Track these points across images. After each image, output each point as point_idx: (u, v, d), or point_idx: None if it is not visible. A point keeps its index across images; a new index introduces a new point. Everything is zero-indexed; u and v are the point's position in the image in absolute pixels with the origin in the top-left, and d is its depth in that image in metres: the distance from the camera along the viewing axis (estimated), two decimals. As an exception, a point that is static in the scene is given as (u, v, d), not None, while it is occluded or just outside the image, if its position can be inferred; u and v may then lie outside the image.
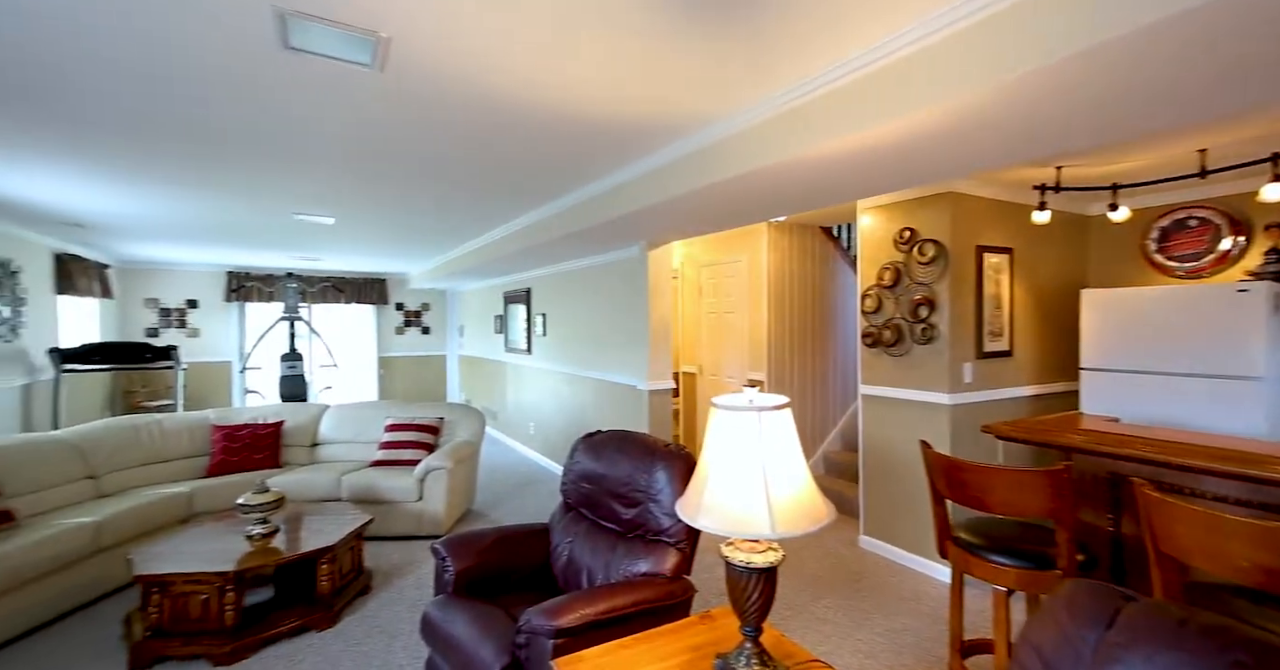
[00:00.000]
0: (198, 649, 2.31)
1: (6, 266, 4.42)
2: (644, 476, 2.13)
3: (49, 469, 3.10)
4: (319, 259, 6.81)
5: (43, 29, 1.56)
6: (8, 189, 3.35)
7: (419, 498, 3.69)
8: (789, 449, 1.22)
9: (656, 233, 3.68)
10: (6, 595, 2.42)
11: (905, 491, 3.31)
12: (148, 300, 7.14)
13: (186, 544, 2.61)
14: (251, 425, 3.98)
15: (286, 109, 2.11)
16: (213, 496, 3.51)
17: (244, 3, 1.43)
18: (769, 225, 4.74)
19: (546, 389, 5.82)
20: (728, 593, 1.28)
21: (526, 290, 6.25)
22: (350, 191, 3.41)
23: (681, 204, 2.76)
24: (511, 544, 2.29)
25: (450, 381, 9.32)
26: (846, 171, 2.21)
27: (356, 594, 2.88)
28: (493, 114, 2.15)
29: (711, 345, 5.25)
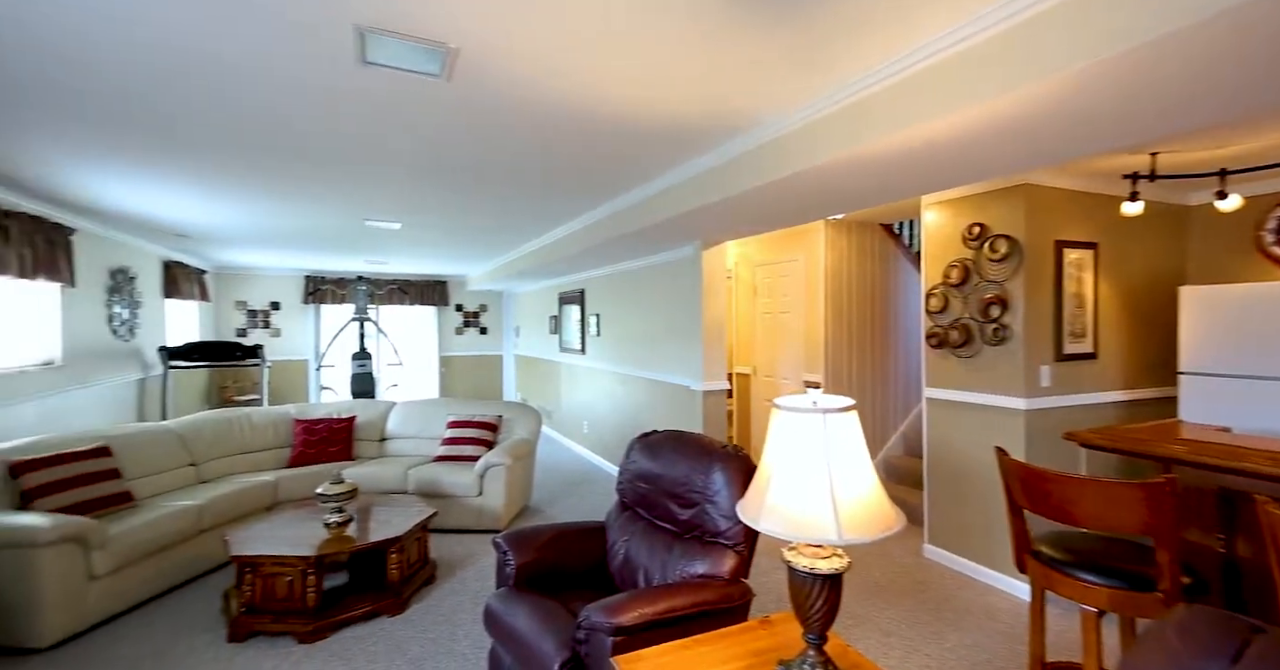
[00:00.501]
0: (284, 627, 2.49)
1: (126, 273, 4.91)
2: (701, 477, 2.12)
3: (160, 456, 3.42)
4: (386, 262, 7.18)
5: (156, 70, 1.73)
6: (128, 204, 3.72)
7: (479, 493, 3.82)
8: (856, 453, 1.18)
9: (711, 232, 3.65)
10: (129, 567, 2.69)
11: (974, 500, 3.14)
12: (237, 302, 7.75)
13: (273, 529, 2.81)
14: (327, 420, 4.24)
15: (361, 121, 2.24)
16: (294, 485, 3.77)
17: (330, 24, 1.53)
18: (826, 223, 4.61)
19: (600, 388, 5.90)
20: (790, 598, 1.25)
21: (580, 291, 6.35)
22: (416, 197, 3.57)
23: (737, 203, 2.73)
24: (569, 541, 2.33)
25: (506, 380, 9.59)
26: (910, 166, 2.12)
27: (423, 583, 3.01)
28: (552, 118, 2.20)
29: (766, 346, 5.16)
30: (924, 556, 3.41)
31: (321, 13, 1.48)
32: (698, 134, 2.39)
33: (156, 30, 1.57)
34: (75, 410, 4.12)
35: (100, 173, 3.00)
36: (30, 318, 3.74)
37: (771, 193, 2.53)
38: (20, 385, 3.51)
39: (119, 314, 4.78)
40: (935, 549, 3.36)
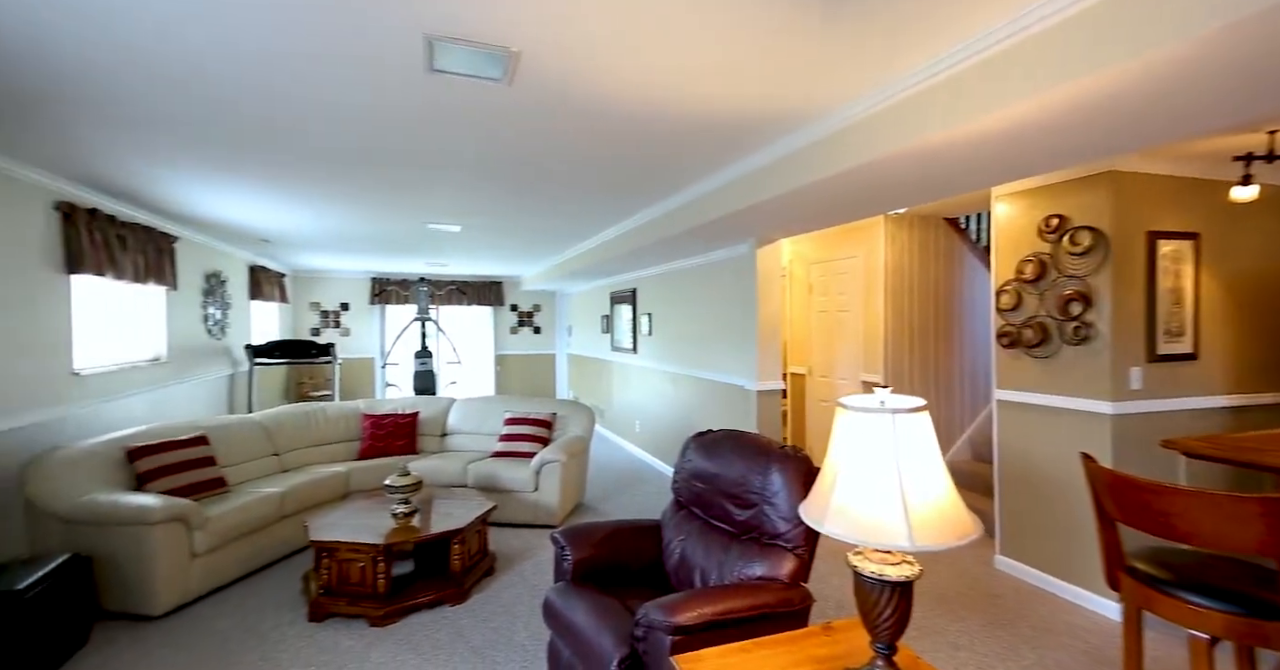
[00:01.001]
0: (358, 610, 2.64)
1: (218, 276, 5.35)
2: (759, 478, 2.09)
3: (248, 445, 3.70)
4: (446, 264, 7.47)
5: (249, 93, 1.87)
6: (220, 212, 4.05)
7: (535, 489, 3.91)
8: (928, 456, 1.13)
9: (766, 230, 3.59)
10: (224, 547, 2.93)
11: (1051, 509, 2.94)
12: (312, 303, 8.28)
13: (346, 517, 2.98)
14: (393, 415, 4.46)
15: (426, 128, 2.34)
16: (364, 476, 3.99)
17: (401, 34, 1.61)
18: (886, 218, 4.44)
19: (652, 388, 5.91)
20: (856, 605, 1.21)
21: (632, 290, 6.39)
22: (475, 200, 3.70)
23: (794, 199, 2.67)
24: (625, 538, 2.35)
25: (559, 379, 9.78)
26: (981, 156, 2.00)
27: (483, 574, 3.12)
28: (608, 117, 2.23)
29: (822, 345, 5.02)
30: (995, 567, 3.22)
31: (395, 25, 1.56)
32: (754, 130, 2.36)
33: (250, 60, 1.70)
34: (176, 402, 4.53)
35: (198, 184, 3.28)
36: (141, 318, 4.13)
37: (830, 188, 2.46)
38: (134, 379, 3.89)
39: (212, 314, 5.20)
40: (1008, 560, 3.17)
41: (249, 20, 1.53)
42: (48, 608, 2.20)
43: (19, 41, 1.64)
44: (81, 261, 3.21)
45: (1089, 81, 1.41)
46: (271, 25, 1.55)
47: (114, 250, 3.49)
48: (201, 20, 1.53)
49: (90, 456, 2.84)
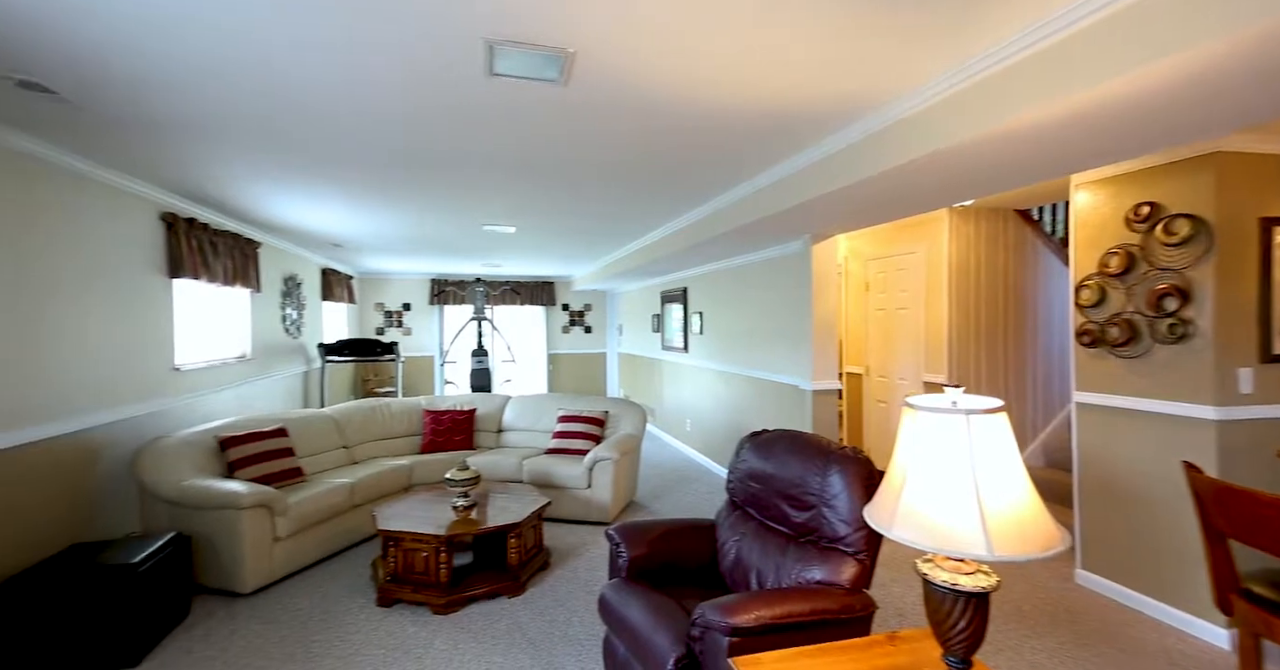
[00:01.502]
0: (422, 597, 2.75)
1: (295, 279, 5.73)
2: (817, 479, 2.03)
3: (321, 438, 3.95)
4: (500, 265, 7.69)
5: (321, 101, 1.99)
6: (297, 219, 4.34)
7: (588, 485, 3.96)
8: (1007, 460, 1.07)
9: (822, 226, 3.49)
10: (301, 533, 3.13)
11: (1143, 522, 2.71)
12: (376, 304, 8.72)
13: (410, 509, 3.12)
14: (451, 412, 4.63)
15: (484, 131, 2.41)
16: (426, 470, 4.16)
17: (463, 41, 1.66)
18: (950, 212, 4.22)
19: (703, 387, 5.87)
20: (927, 615, 1.16)
21: (683, 289, 6.36)
22: (529, 201, 3.79)
23: (854, 193, 2.58)
24: (680, 537, 2.34)
25: (610, 378, 9.88)
26: (1062, 141, 1.87)
27: (539, 568, 3.19)
28: (664, 114, 2.23)
29: (880, 345, 4.83)
30: (1076, 583, 3.00)
31: (458, 33, 1.62)
32: (812, 123, 2.29)
33: (326, 75, 1.80)
34: (259, 397, 4.88)
35: (278, 192, 3.52)
36: (229, 319, 4.48)
37: (892, 180, 2.36)
38: (224, 375, 4.22)
39: (290, 315, 5.57)
40: (1091, 576, 2.95)
41: (327, 41, 1.62)
42: (156, 581, 2.42)
43: (133, 73, 1.80)
44: (181, 266, 3.51)
45: (1188, 56, 1.29)
46: (347, 44, 1.64)
47: (207, 255, 3.80)
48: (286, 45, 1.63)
49: (189, 445, 3.10)
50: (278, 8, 1.48)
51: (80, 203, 2.75)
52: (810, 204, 2.81)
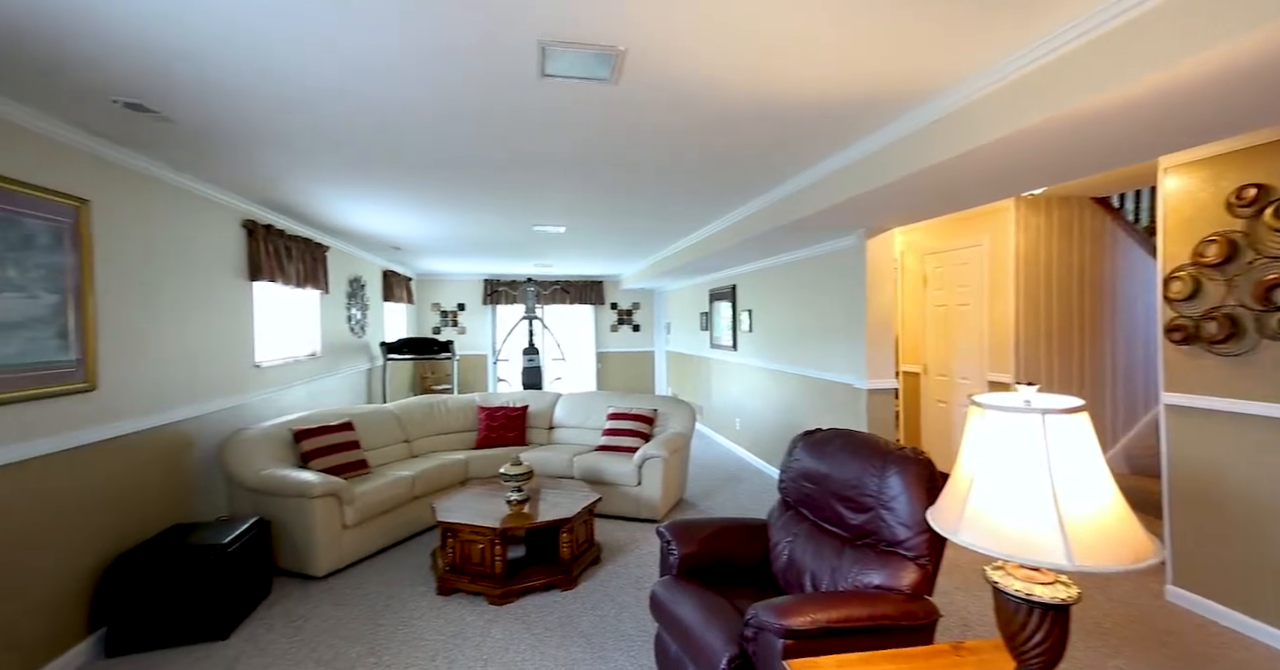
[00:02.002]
0: (478, 588, 2.85)
1: (359, 281, 6.05)
2: (874, 480, 1.97)
3: (384, 432, 4.15)
4: (550, 265, 7.84)
5: (386, 113, 2.09)
6: (361, 224, 4.58)
7: (638, 483, 3.99)
8: (1088, 464, 1.00)
9: (877, 219, 3.37)
10: (367, 522, 3.31)
11: (1247, 536, 2.47)
12: (433, 304, 9.08)
13: (466, 502, 3.24)
14: (505, 408, 4.77)
15: (535, 131, 2.46)
16: (481, 464, 4.30)
17: (517, 44, 1.71)
18: (1018, 201, 3.99)
19: (753, 385, 5.80)
20: (999, 627, 1.10)
21: (732, 287, 6.30)
22: (578, 200, 3.84)
23: (913, 184, 2.48)
24: (731, 536, 2.32)
25: (658, 376, 9.90)
26: (1150, 120, 1.73)
27: (590, 563, 3.24)
28: (713, 108, 2.21)
29: (939, 342, 4.62)
30: (1166, 600, 2.78)
31: (512, 37, 1.66)
32: (866, 112, 2.22)
33: (384, 83, 1.89)
34: (328, 393, 5.18)
35: (344, 198, 3.72)
36: (301, 319, 4.77)
37: (955, 169, 2.25)
38: (296, 372, 4.51)
39: (354, 315, 5.88)
40: (1183, 592, 2.72)
41: (383, 50, 1.70)
42: (242, 561, 2.62)
43: (221, 91, 1.95)
44: (260, 269, 3.77)
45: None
46: (412, 56, 1.72)
47: (282, 259, 4.06)
48: (347, 65, 1.73)
49: (268, 437, 3.33)
50: (347, 26, 1.56)
51: (177, 213, 3.00)
52: (865, 197, 2.72)
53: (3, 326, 1.98)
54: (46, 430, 2.17)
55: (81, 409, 2.34)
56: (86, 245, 2.35)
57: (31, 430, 2.11)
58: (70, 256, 2.27)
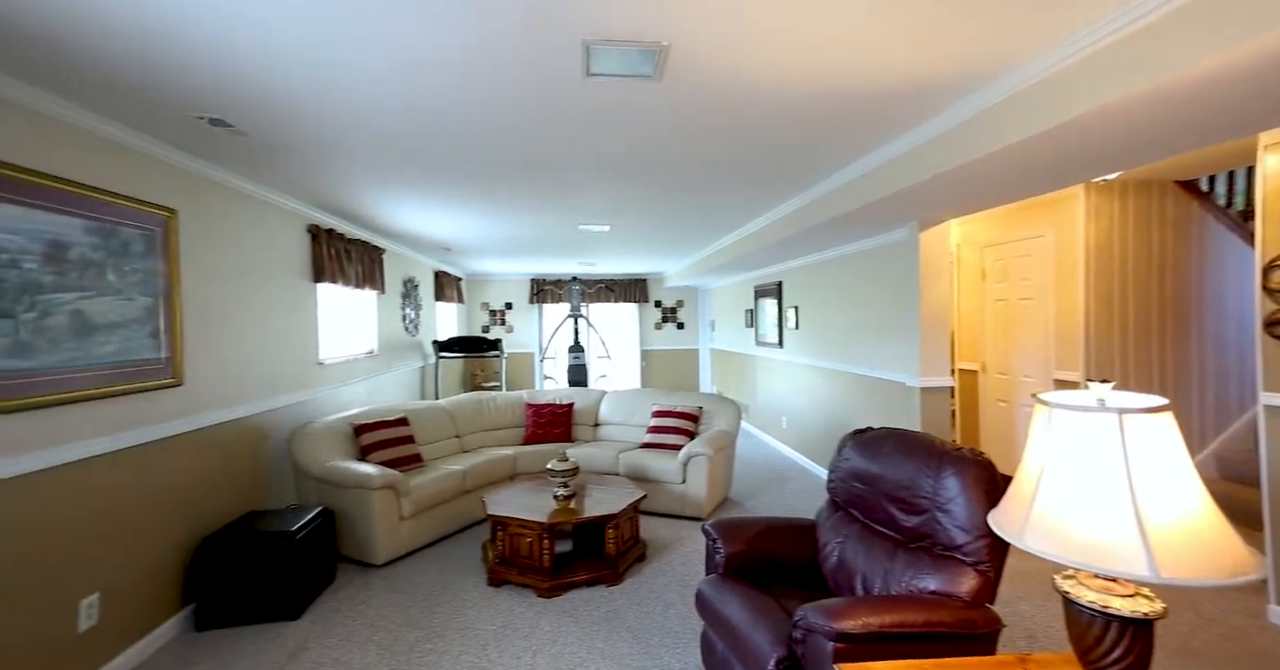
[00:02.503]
0: (527, 580, 2.92)
1: (413, 282, 6.30)
2: (929, 481, 1.89)
3: (436, 428, 4.31)
4: (595, 264, 7.92)
5: (435, 120, 2.16)
6: (414, 226, 4.76)
7: (683, 480, 3.98)
8: (1174, 467, 0.93)
9: (931, 211, 3.23)
10: (421, 514, 3.44)
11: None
12: (482, 304, 9.34)
13: (515, 496, 3.32)
14: (551, 405, 4.85)
15: (579, 130, 2.48)
16: (528, 460, 4.40)
17: (563, 45, 1.73)
18: (1087, 188, 3.73)
19: (799, 383, 5.68)
20: (1070, 640, 1.04)
21: (777, 283, 6.18)
22: (622, 199, 3.86)
23: (972, 172, 2.36)
24: (779, 536, 2.28)
25: (702, 374, 9.84)
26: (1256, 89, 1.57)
27: (636, 559, 3.26)
28: (759, 100, 2.17)
29: (999, 339, 4.38)
30: (1269, 621, 2.54)
31: (558, 39, 1.68)
32: (920, 99, 2.13)
33: (438, 86, 1.96)
34: (385, 389, 5.42)
35: (398, 202, 3.88)
36: (359, 318, 5.01)
37: (1019, 155, 2.13)
38: (356, 369, 4.74)
39: (408, 314, 6.13)
40: (1281, 611, 2.48)
41: (437, 59, 1.76)
42: (309, 547, 2.78)
43: (289, 104, 2.07)
44: (323, 272, 3.98)
45: None
46: (462, 63, 1.77)
47: (342, 262, 4.28)
48: (401, 75, 1.80)
49: (331, 430, 3.52)
50: (403, 33, 1.63)
51: (249, 220, 3.21)
52: (920, 187, 2.61)
53: (106, 327, 2.17)
54: (143, 421, 2.37)
55: (171, 403, 2.54)
56: (174, 251, 2.54)
57: (131, 421, 2.31)
58: (160, 262, 2.46)
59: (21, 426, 1.87)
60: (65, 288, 2.00)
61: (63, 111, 2.02)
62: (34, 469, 1.90)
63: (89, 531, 2.12)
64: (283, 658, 2.37)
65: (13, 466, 1.83)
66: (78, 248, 2.06)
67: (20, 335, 1.85)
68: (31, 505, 1.91)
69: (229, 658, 2.37)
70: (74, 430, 2.06)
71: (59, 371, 1.98)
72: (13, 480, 1.85)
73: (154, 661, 2.35)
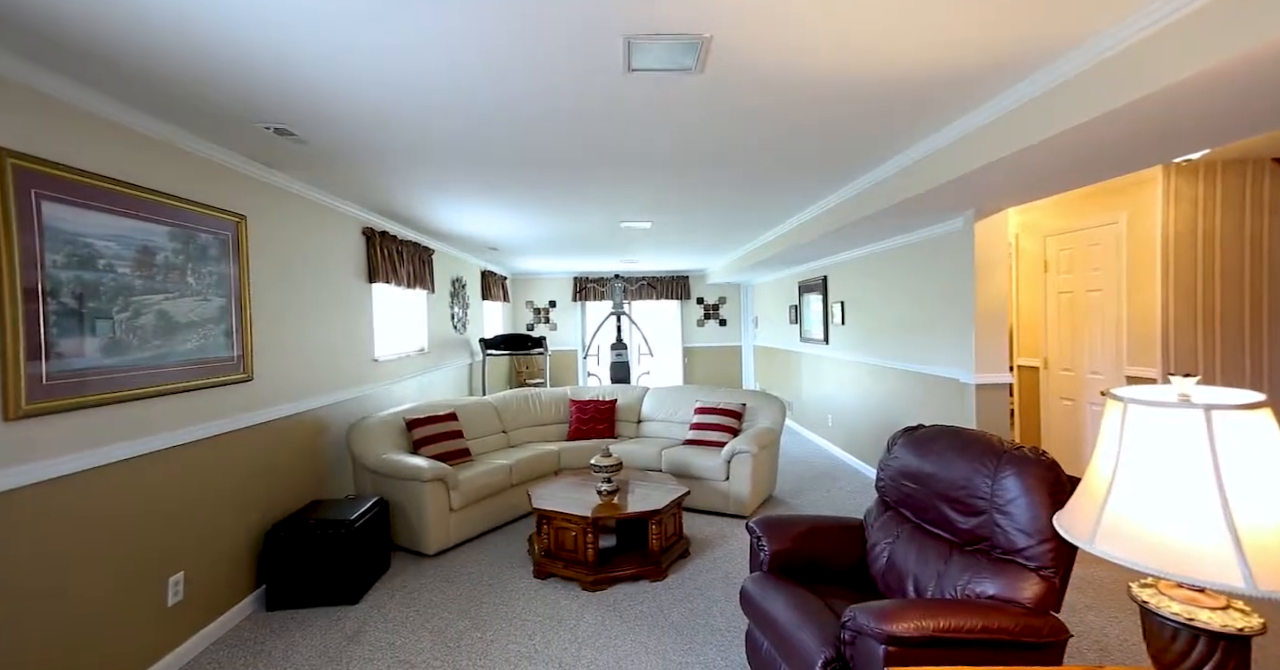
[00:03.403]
0: (572, 573, 2.97)
1: (460, 281, 6.49)
2: (986, 481, 1.80)
3: (484, 423, 4.43)
4: (636, 261, 7.94)
5: (477, 117, 2.21)
6: (461, 226, 4.90)
7: (726, 478, 3.94)
8: (1274, 468, 0.85)
9: (989, 198, 3.07)
10: (470, 506, 3.54)
11: None
12: (527, 302, 9.52)
13: (559, 491, 3.37)
14: (595, 401, 4.90)
15: (620, 125, 2.49)
16: (572, 456, 4.45)
17: (604, 43, 1.73)
18: (1167, 170, 3.46)
19: (846, 380, 5.52)
20: (1150, 654, 0.97)
21: (823, 278, 6.03)
22: (664, 195, 3.85)
23: (1035, 155, 2.23)
24: (825, 535, 2.23)
25: (745, 371, 9.71)
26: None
27: (679, 556, 3.25)
28: (803, 89, 2.11)
29: (1064, 333, 4.12)
30: (1372, 640, 2.30)
31: (599, 34, 1.69)
32: (976, 80, 2.02)
33: (480, 87, 2.00)
34: (435, 386, 5.61)
35: (447, 203, 4.00)
36: (411, 317, 5.21)
37: (1090, 135, 1.99)
38: (407, 366, 4.93)
39: (457, 313, 6.32)
40: (1397, 633, 2.23)
41: (485, 60, 1.80)
42: (366, 536, 2.91)
43: (346, 114, 2.17)
44: (377, 272, 4.15)
45: None
46: (502, 65, 1.81)
47: (395, 263, 4.45)
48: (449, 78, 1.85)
49: (386, 424, 3.67)
50: (448, 32, 1.67)
51: (310, 224, 3.38)
52: (975, 175, 2.48)
53: (186, 326, 2.33)
54: (218, 414, 2.55)
55: (243, 397, 2.71)
56: (244, 255, 2.71)
57: (208, 414, 2.48)
58: (232, 265, 2.63)
59: (118, 418, 2.05)
60: (153, 290, 2.17)
61: (148, 124, 2.18)
62: (126, 456, 2.08)
63: (173, 515, 2.30)
64: (343, 640, 2.49)
65: (107, 454, 2.00)
66: (163, 252, 2.22)
67: (116, 334, 2.01)
68: (125, 488, 2.09)
69: (297, 638, 2.52)
70: (160, 422, 2.23)
71: (148, 367, 2.14)
72: (108, 467, 2.02)
73: (231, 638, 2.52)
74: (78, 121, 1.93)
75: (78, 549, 1.91)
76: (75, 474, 1.90)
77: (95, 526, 1.97)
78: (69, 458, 1.87)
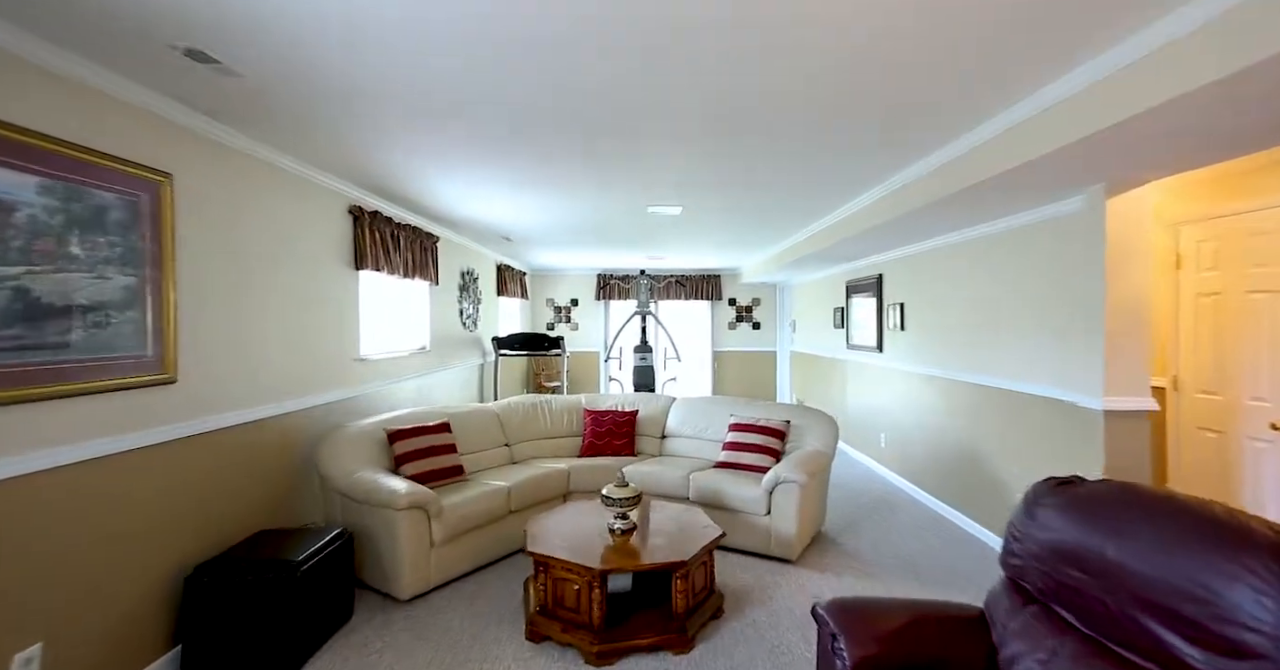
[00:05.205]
0: (573, 638, 2.32)
1: (471, 274, 5.94)
2: (1248, 595, 1.08)
3: (483, 435, 3.82)
4: (664, 256, 7.28)
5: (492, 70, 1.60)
6: (469, 210, 4.34)
7: (766, 512, 3.25)
8: None
9: (1130, 167, 2.30)
10: (455, 539, 2.92)
11: None
12: (547, 300, 8.96)
13: (564, 524, 2.74)
14: (613, 412, 4.25)
15: (648, 78, 1.84)
16: (583, 476, 3.80)
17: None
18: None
19: (903, 395, 4.75)
20: None
21: (876, 277, 5.27)
22: (697, 173, 3.19)
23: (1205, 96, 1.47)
24: (929, 632, 1.53)
25: (780, 380, 8.95)
26: None
27: (710, 617, 2.57)
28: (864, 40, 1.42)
29: (1205, 346, 3.28)
30: None
31: None
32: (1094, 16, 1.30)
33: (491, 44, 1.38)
34: (437, 388, 5.05)
35: (449, 178, 3.42)
36: (410, 311, 4.65)
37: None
38: (405, 366, 4.37)
39: (466, 309, 5.76)
40: None
41: None
42: (317, 580, 2.28)
43: (329, 50, 1.58)
44: (364, 258, 3.60)
45: None
46: None
47: (389, 248, 3.89)
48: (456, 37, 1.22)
49: (363, 436, 3.09)
50: None
51: (277, 196, 2.83)
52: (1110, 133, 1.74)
53: (66, 310, 1.77)
54: (121, 425, 1.97)
55: (161, 403, 2.14)
56: (167, 224, 2.15)
57: (103, 425, 1.91)
58: (149, 236, 2.07)
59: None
60: (5, 260, 1.61)
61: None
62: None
63: (31, 565, 1.70)
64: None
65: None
66: (26, 209, 1.66)
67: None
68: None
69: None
70: (8, 439, 1.64)
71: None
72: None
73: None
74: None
75: None
76: None
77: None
78: None
